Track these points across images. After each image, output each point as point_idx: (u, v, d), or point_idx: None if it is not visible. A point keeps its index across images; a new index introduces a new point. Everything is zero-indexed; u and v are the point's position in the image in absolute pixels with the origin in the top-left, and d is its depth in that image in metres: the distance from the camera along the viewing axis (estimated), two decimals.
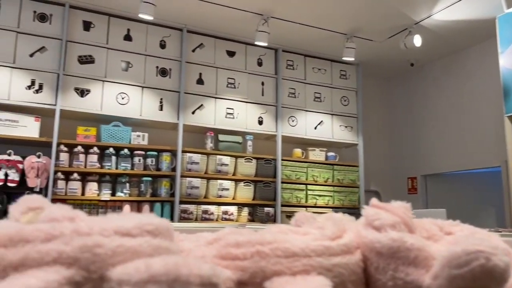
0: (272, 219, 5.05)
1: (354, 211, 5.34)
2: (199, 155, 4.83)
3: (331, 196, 5.46)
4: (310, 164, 5.44)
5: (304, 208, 5.28)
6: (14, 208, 0.58)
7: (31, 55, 4.28)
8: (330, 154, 5.66)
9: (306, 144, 5.65)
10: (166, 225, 0.48)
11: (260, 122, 5.26)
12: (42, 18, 4.37)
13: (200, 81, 5.01)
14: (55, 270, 0.38)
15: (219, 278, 0.40)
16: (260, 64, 5.38)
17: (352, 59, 5.21)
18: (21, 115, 4.17)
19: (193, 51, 5.03)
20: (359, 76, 5.95)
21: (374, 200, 0.66)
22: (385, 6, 4.53)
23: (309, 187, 5.36)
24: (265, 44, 4.83)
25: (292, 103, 5.47)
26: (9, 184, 4.00)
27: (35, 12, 4.35)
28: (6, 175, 4.01)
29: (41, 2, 4.38)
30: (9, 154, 4.07)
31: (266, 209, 5.04)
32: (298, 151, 5.50)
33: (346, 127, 5.76)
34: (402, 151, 6.45)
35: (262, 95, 5.33)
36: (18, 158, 4.09)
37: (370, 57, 5.86)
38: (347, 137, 5.75)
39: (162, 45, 4.88)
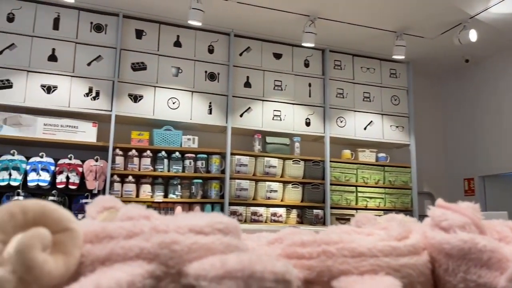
0: (321, 221, 5.01)
1: (407, 213, 5.18)
2: (247, 157, 4.88)
3: (382, 198, 5.33)
4: (360, 165, 5.34)
5: (354, 211, 5.19)
6: (91, 208, 0.62)
7: (89, 64, 4.51)
8: (381, 155, 5.53)
9: (356, 145, 5.55)
10: (235, 224, 0.50)
11: (308, 124, 5.23)
12: (98, 28, 4.59)
13: (247, 84, 5.06)
14: (138, 264, 0.41)
15: (292, 275, 0.41)
16: (307, 65, 5.36)
17: (403, 57, 5.06)
18: (80, 121, 4.40)
19: (240, 54, 5.09)
20: (410, 74, 5.77)
21: (440, 201, 0.65)
22: (437, 2, 4.37)
23: (359, 189, 5.26)
24: (312, 45, 4.80)
25: (340, 103, 5.40)
26: (70, 187, 4.24)
27: (91, 23, 4.58)
28: (68, 178, 4.25)
29: (97, 13, 4.61)
30: (70, 158, 4.31)
31: (315, 211, 5.00)
32: (347, 153, 5.41)
33: (397, 127, 5.61)
34: (457, 151, 6.18)
35: (309, 96, 5.31)
36: (78, 162, 4.32)
37: (421, 55, 5.67)
38: (398, 137, 5.59)
39: (210, 50, 4.98)
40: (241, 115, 4.97)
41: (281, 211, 4.89)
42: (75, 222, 0.42)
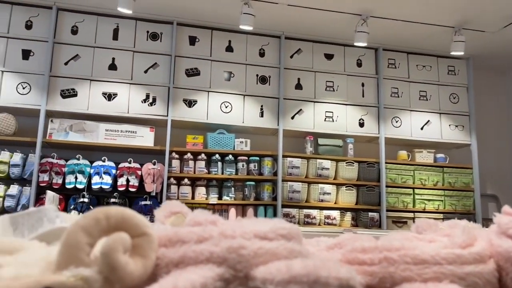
0: (376, 224, 4.89)
1: (469, 216, 4.94)
2: (299, 159, 4.87)
3: (441, 200, 5.12)
4: (417, 166, 5.16)
5: (412, 213, 5.03)
6: (159, 213, 0.66)
7: (145, 72, 4.71)
8: (439, 155, 5.31)
9: (412, 145, 5.37)
10: (297, 230, 0.52)
11: (361, 124, 5.13)
12: (154, 36, 4.79)
13: (298, 86, 5.06)
14: (209, 267, 0.43)
15: (356, 281, 0.42)
16: (359, 65, 5.27)
17: (462, 53, 4.84)
18: (138, 126, 4.60)
19: (291, 57, 5.10)
20: (470, 71, 5.50)
21: (507, 208, 0.62)
22: None
23: (417, 191, 5.08)
24: (364, 44, 4.72)
25: (395, 103, 5.25)
26: (130, 189, 4.44)
27: (147, 32, 4.78)
28: (128, 180, 4.46)
29: (152, 22, 4.80)
30: (130, 162, 4.52)
31: (370, 214, 4.89)
32: (403, 153, 5.25)
33: (456, 126, 5.36)
34: None
35: (363, 96, 5.21)
36: (137, 165, 4.52)
37: (483, 50, 5.38)
38: (458, 137, 5.34)
39: (261, 54, 5.03)
40: (292, 117, 4.98)
41: (335, 213, 4.83)
42: (151, 227, 0.46)
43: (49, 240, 0.49)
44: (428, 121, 5.29)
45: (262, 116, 4.90)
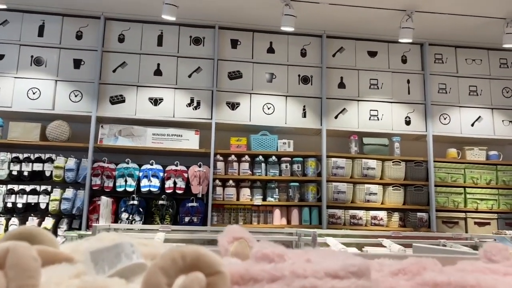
0: (426, 225, 4.75)
1: None
2: (344, 159, 4.81)
3: (495, 200, 4.89)
4: (468, 164, 4.96)
5: (463, 213, 4.84)
6: (222, 239, 0.68)
7: (189, 76, 4.80)
8: (492, 153, 5.07)
9: (462, 143, 5.16)
10: (366, 266, 0.51)
11: (408, 122, 4.99)
12: (197, 41, 4.87)
13: (341, 85, 4.99)
14: None
15: None
16: (404, 61, 5.12)
17: None
18: (184, 130, 4.70)
19: (333, 55, 5.04)
20: None
21: None
22: None
23: (468, 190, 4.89)
24: (410, 40, 4.58)
25: (443, 99, 5.07)
26: (177, 191, 4.55)
27: (190, 37, 4.87)
28: (175, 183, 4.57)
29: (195, 27, 4.89)
30: (176, 165, 4.63)
31: (419, 214, 4.75)
32: (453, 151, 5.06)
33: (510, 121, 5.10)
34: None
35: (408, 93, 5.06)
36: (183, 168, 4.63)
37: None
38: None
39: (303, 54, 5.00)
40: (336, 117, 4.92)
41: (382, 214, 4.74)
42: (224, 265, 0.48)
43: (127, 276, 0.52)
44: (479, 117, 5.07)
45: (304, 116, 4.88)
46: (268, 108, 4.84)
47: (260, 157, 4.73)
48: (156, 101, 4.69)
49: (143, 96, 4.68)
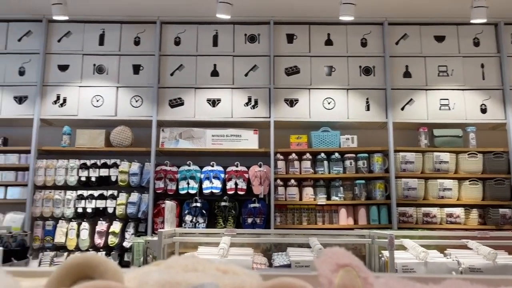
0: (510, 222, 4.31)
1: None
2: (413, 153, 4.49)
3: None
4: None
5: None
6: (322, 266, 0.54)
7: (246, 75, 4.71)
8: None
9: None
10: None
11: (483, 110, 4.57)
12: (252, 39, 4.77)
13: (407, 74, 4.67)
14: None
15: None
16: (476, 44, 4.70)
17: None
18: (243, 130, 4.62)
19: (397, 43, 4.73)
20: None
21: None
22: None
23: None
24: (483, 20, 4.17)
25: None
26: (239, 192, 4.48)
27: (245, 35, 4.78)
28: (236, 184, 4.50)
29: (249, 24, 4.79)
30: (237, 166, 4.56)
31: (501, 210, 4.33)
32: None
33: None
34: None
35: (483, 79, 4.64)
36: (244, 168, 4.54)
37: None
38: None
39: (363, 43, 4.74)
40: (402, 108, 4.61)
41: (458, 211, 4.37)
42: None
43: None
44: None
45: (368, 109, 4.62)
46: (329, 103, 4.63)
47: (322, 154, 4.54)
48: (214, 102, 4.65)
49: (201, 97, 4.66)
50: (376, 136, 4.72)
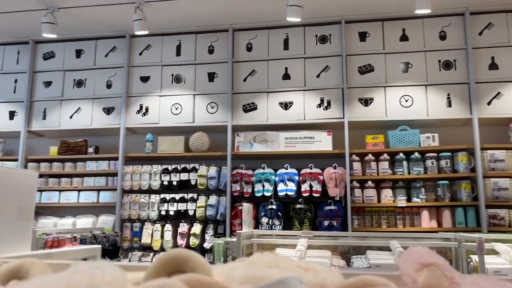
0: None
1: None
2: (503, 151, 4.15)
3: None
4: None
5: None
6: (405, 265, 0.53)
7: (318, 76, 4.68)
8: None
9: None
10: None
11: None
12: (323, 40, 4.73)
13: (493, 66, 4.34)
14: None
15: None
16: None
17: None
18: (316, 131, 4.59)
19: (480, 33, 4.41)
20: None
21: None
22: None
23: None
24: None
25: None
26: (314, 194, 4.45)
27: (316, 36, 4.75)
28: (311, 186, 4.48)
29: (320, 25, 4.76)
30: (311, 168, 4.54)
31: None
32: None
33: None
34: None
35: None
36: (318, 170, 4.51)
37: None
38: None
39: (442, 36, 4.49)
40: (488, 103, 4.29)
41: None
42: None
43: None
44: None
45: (449, 105, 4.36)
46: (406, 101, 4.44)
47: (401, 154, 4.36)
48: (286, 105, 4.68)
49: (274, 101, 4.71)
50: (459, 133, 4.44)
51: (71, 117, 5.04)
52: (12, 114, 5.17)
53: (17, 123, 5.12)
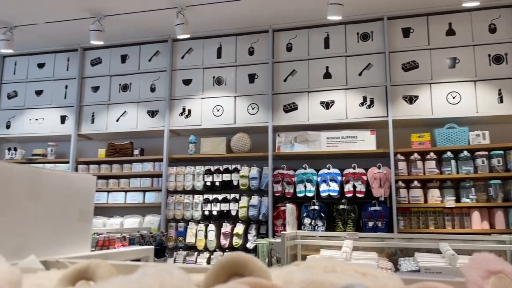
0: None
1: None
2: None
3: None
4: None
5: None
6: (471, 271, 0.51)
7: (360, 74, 4.60)
8: None
9: None
10: None
11: None
12: (365, 37, 4.64)
13: None
14: None
15: None
16: None
17: None
18: (358, 130, 4.51)
19: None
20: None
21: None
22: None
23: None
24: None
25: None
26: (357, 195, 4.37)
27: (358, 33, 4.67)
28: (354, 186, 4.41)
29: (361, 22, 4.67)
30: (354, 168, 4.46)
31: None
32: None
33: None
34: None
35: None
36: (362, 170, 4.43)
37: None
38: None
39: (492, 29, 4.29)
40: None
41: None
42: None
43: None
44: None
45: (501, 101, 4.16)
46: (453, 97, 4.28)
47: (449, 153, 4.21)
48: (327, 105, 4.63)
49: (315, 101, 4.67)
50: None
51: (117, 120, 5.22)
52: (63, 119, 5.43)
53: (68, 127, 5.37)
